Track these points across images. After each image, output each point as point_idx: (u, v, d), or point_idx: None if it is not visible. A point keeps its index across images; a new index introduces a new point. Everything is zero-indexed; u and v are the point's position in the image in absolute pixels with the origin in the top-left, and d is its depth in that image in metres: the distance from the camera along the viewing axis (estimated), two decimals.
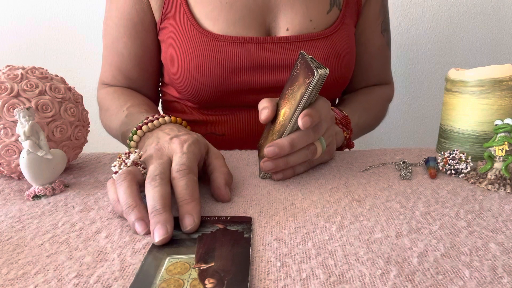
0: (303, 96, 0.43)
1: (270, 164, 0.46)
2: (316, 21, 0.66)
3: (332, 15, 0.68)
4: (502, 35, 1.25)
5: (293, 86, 0.46)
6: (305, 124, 0.43)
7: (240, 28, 0.64)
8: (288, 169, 0.48)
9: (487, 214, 0.39)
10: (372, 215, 0.39)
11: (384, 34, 0.77)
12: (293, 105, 0.44)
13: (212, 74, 0.63)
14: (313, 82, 0.42)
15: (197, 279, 0.28)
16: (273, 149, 0.45)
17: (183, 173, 0.39)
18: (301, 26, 0.65)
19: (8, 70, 0.47)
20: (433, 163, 0.50)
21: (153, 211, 0.35)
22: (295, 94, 0.45)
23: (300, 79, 0.45)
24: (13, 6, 1.20)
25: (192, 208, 0.36)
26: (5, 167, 0.46)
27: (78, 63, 1.24)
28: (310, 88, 0.43)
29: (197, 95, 0.66)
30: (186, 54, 0.63)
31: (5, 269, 0.30)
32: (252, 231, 0.35)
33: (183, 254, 0.31)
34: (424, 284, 0.28)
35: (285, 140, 0.45)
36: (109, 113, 0.66)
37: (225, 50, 0.63)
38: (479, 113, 0.52)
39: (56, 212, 0.40)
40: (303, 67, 0.45)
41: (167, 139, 0.45)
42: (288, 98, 0.47)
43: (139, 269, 0.29)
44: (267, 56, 0.64)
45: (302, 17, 0.65)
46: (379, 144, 1.36)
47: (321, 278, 0.29)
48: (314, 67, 0.42)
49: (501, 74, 0.50)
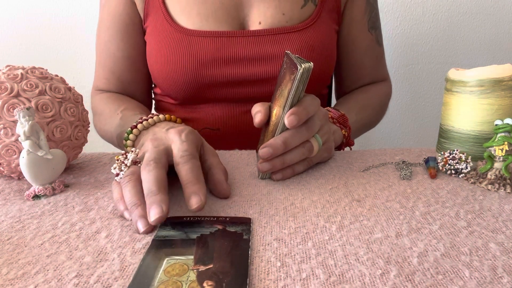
0: (290, 92, 0.43)
1: (266, 165, 0.46)
2: (289, 15, 0.67)
3: (307, 10, 0.68)
4: (502, 35, 1.25)
5: (281, 86, 0.46)
6: (291, 123, 0.43)
7: (213, 23, 0.65)
8: (287, 169, 0.48)
9: (487, 214, 0.39)
10: (372, 215, 0.39)
11: (372, 32, 0.77)
12: (283, 103, 0.45)
13: (186, 68, 0.64)
14: (298, 76, 0.42)
15: (195, 281, 0.28)
16: (267, 149, 0.44)
17: (187, 159, 0.39)
18: (274, 19, 0.66)
19: (8, 70, 0.47)
20: (433, 163, 0.50)
21: (148, 193, 0.35)
22: (283, 92, 0.45)
23: (287, 77, 0.45)
24: (13, 6, 1.20)
25: (199, 189, 0.36)
26: (5, 167, 0.46)
27: (78, 63, 1.24)
28: (295, 83, 0.43)
29: (176, 90, 0.67)
30: (162, 50, 0.65)
31: (5, 269, 0.30)
32: (251, 232, 0.35)
33: (182, 255, 0.31)
34: (424, 284, 0.28)
35: (278, 140, 0.45)
36: (103, 117, 0.66)
37: (198, 44, 0.64)
38: (479, 113, 0.52)
39: (56, 212, 0.40)
40: (288, 65, 0.45)
41: (163, 131, 0.46)
42: (278, 98, 0.47)
43: (137, 270, 0.29)
44: (239, 50, 0.65)
45: (275, 10, 0.66)
46: (379, 144, 1.36)
47: (321, 278, 0.29)
48: (298, 62, 0.42)
49: (501, 74, 0.50)
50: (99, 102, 0.70)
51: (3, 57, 1.24)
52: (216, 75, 0.65)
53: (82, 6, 1.21)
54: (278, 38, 0.65)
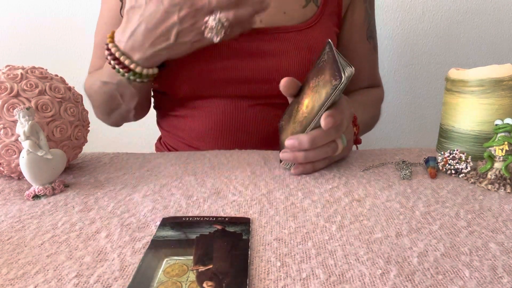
0: (329, 97, 0.44)
1: (288, 156, 0.48)
2: (291, 15, 0.67)
3: (308, 10, 0.68)
4: (502, 35, 1.25)
5: (318, 78, 0.47)
6: (328, 125, 0.45)
7: None
8: (307, 165, 0.49)
9: (487, 214, 0.39)
10: (372, 215, 0.39)
11: (370, 41, 0.79)
12: (317, 101, 0.45)
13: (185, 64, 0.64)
14: (340, 86, 0.42)
15: (195, 282, 0.28)
16: (293, 142, 0.47)
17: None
18: (274, 18, 0.66)
19: (8, 70, 0.47)
20: (433, 163, 0.50)
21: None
22: (320, 89, 0.45)
23: (327, 75, 0.45)
24: (13, 6, 1.20)
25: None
26: (5, 167, 0.46)
27: (78, 63, 1.24)
28: (336, 91, 0.43)
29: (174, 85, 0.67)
30: None
31: (5, 269, 0.30)
32: (250, 232, 0.35)
33: (181, 256, 0.31)
34: (424, 284, 0.28)
35: (306, 137, 0.46)
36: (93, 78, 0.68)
37: None
38: (479, 113, 0.52)
39: (56, 212, 0.40)
40: (331, 62, 0.45)
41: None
42: (312, 89, 0.47)
43: (136, 270, 0.29)
44: (238, 46, 0.65)
45: (276, 9, 0.66)
46: (379, 144, 1.36)
47: (321, 278, 0.29)
48: (342, 67, 0.42)
49: (501, 74, 0.50)
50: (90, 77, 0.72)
51: (3, 57, 1.24)
52: (215, 71, 0.65)
53: (82, 6, 1.21)
54: (278, 37, 0.66)
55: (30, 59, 1.23)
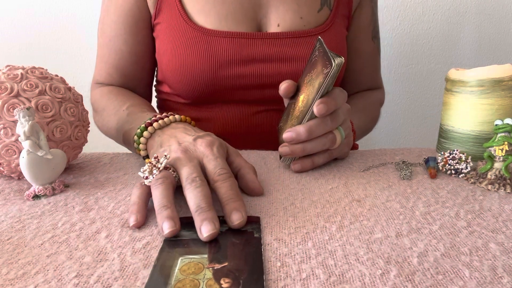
0: (321, 86, 0.45)
1: (286, 149, 0.48)
2: (307, 19, 0.67)
3: (322, 14, 0.69)
4: (502, 35, 1.25)
5: (311, 73, 0.48)
6: (320, 111, 0.45)
7: (231, 23, 0.65)
8: (306, 160, 0.49)
9: (487, 214, 0.39)
10: (372, 215, 0.39)
11: (374, 41, 0.79)
12: (312, 93, 0.46)
13: (203, 68, 0.63)
14: (331, 72, 0.43)
15: (212, 279, 0.28)
16: (290, 134, 0.47)
17: (225, 177, 0.39)
18: (292, 22, 0.66)
19: (8, 70, 0.47)
20: (433, 163, 0.50)
21: (197, 209, 0.35)
22: (313, 82, 0.46)
23: (318, 67, 0.46)
24: (13, 6, 1.20)
25: (240, 205, 0.36)
26: (5, 167, 0.46)
27: (78, 63, 1.24)
28: (328, 78, 0.44)
29: (189, 90, 0.66)
30: (178, 49, 0.64)
31: (5, 269, 0.30)
32: (261, 230, 0.35)
33: (195, 254, 0.31)
34: (424, 284, 0.28)
35: (302, 127, 0.47)
36: (106, 113, 0.65)
37: (216, 44, 0.64)
38: (479, 113, 0.52)
39: (56, 212, 0.40)
40: (321, 55, 0.46)
41: (189, 140, 0.45)
42: (306, 84, 0.48)
43: (152, 268, 0.29)
44: (257, 51, 0.65)
45: (293, 14, 0.66)
46: (379, 144, 1.36)
47: (321, 278, 0.29)
48: (331, 56, 0.43)
49: (501, 74, 0.50)
50: (100, 97, 0.69)
51: (3, 57, 1.24)
52: (233, 76, 0.64)
53: (82, 6, 1.21)
54: (296, 42, 0.66)
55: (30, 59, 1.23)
